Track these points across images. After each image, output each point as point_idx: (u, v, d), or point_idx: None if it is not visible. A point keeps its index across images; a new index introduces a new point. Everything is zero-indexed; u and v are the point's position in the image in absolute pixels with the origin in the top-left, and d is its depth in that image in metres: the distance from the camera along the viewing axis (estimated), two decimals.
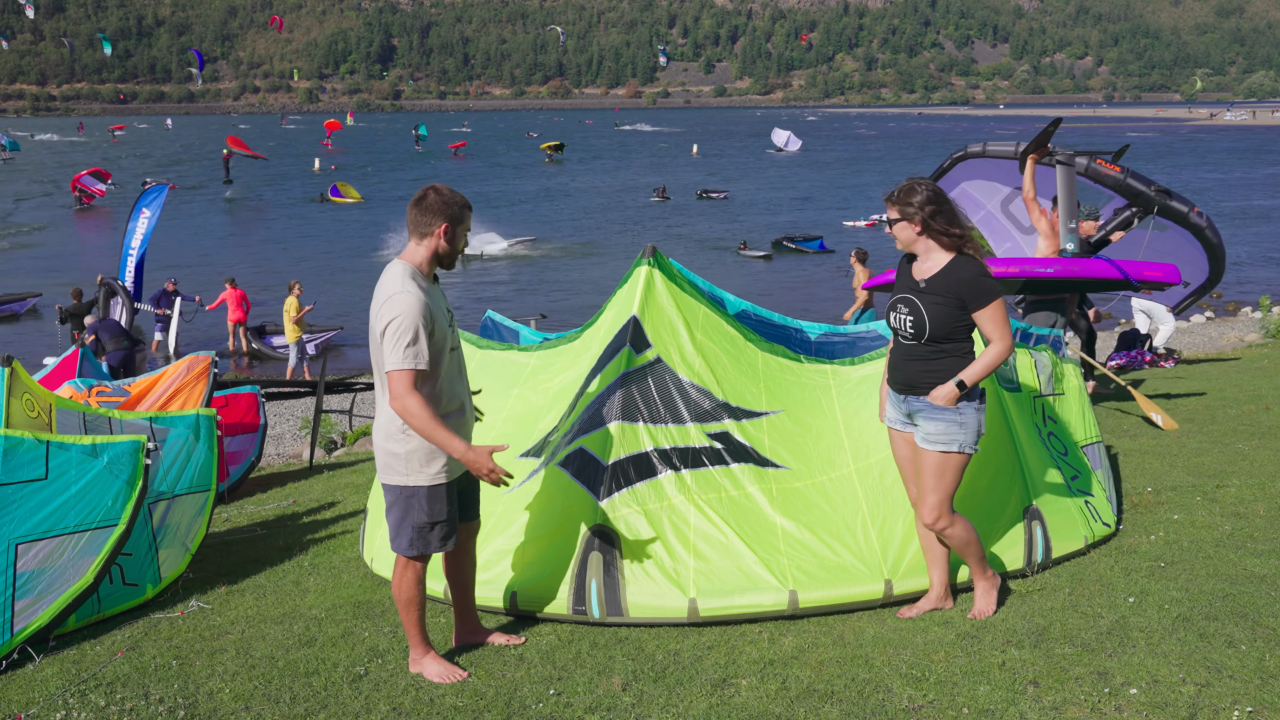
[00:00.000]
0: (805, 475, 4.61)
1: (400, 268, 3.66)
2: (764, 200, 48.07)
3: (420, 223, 3.67)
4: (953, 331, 3.93)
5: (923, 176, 4.14)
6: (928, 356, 3.97)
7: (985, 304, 3.88)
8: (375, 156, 78.71)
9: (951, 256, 3.95)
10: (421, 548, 3.75)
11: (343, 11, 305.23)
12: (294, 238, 36.71)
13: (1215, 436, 7.12)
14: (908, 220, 3.96)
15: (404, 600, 3.81)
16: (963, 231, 3.97)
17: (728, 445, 4.61)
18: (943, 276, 3.93)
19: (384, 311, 3.57)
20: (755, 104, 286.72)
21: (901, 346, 4.06)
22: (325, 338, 19.94)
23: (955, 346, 3.95)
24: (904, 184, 4.02)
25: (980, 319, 3.90)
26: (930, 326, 3.93)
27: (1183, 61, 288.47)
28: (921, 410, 3.99)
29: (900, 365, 4.06)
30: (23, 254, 33.44)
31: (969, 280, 3.89)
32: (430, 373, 3.63)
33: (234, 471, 8.61)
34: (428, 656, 3.86)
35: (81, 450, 4.60)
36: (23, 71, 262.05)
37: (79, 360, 9.04)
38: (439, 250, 3.69)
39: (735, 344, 5.03)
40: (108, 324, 16.12)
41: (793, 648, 3.95)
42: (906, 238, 4.01)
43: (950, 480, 3.97)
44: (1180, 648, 3.67)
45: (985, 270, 3.93)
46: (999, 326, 3.89)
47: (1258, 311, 18.24)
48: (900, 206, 3.97)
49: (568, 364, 5.22)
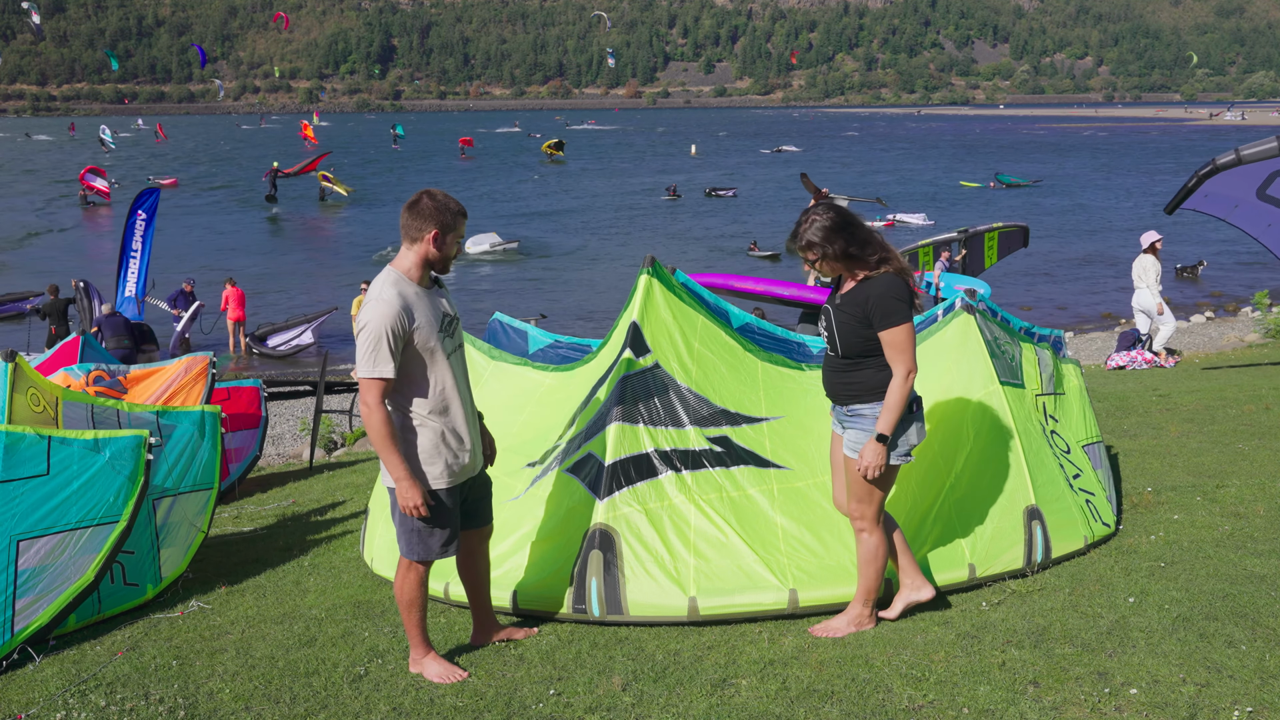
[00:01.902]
0: (807, 475, 4.61)
1: (385, 275, 3.65)
2: (768, 199, 48.09)
3: (411, 227, 3.65)
4: (865, 349, 3.85)
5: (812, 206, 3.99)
6: (845, 369, 3.92)
7: (886, 326, 3.78)
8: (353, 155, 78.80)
9: (866, 274, 3.85)
10: (422, 554, 3.75)
11: (343, 11, 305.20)
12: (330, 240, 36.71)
13: (1215, 436, 7.12)
14: (827, 260, 3.84)
15: (405, 601, 3.82)
16: (883, 252, 3.83)
17: (727, 449, 4.62)
18: (854, 293, 3.85)
19: (359, 318, 3.58)
20: (755, 104, 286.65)
21: (826, 358, 4.04)
22: (320, 320, 19.97)
23: (872, 361, 3.87)
24: (803, 221, 3.87)
25: (882, 340, 3.81)
26: (841, 343, 3.88)
27: (1183, 62, 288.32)
28: (844, 419, 3.99)
29: (826, 376, 4.04)
30: (24, 254, 33.46)
31: (875, 298, 3.79)
32: (411, 379, 3.63)
33: (234, 470, 8.61)
34: (428, 657, 3.86)
35: (83, 445, 4.60)
36: (23, 71, 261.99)
37: (80, 348, 8.98)
38: (429, 256, 3.66)
39: (734, 353, 5.06)
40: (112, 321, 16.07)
41: (793, 648, 3.95)
42: (831, 270, 3.90)
43: (877, 490, 3.91)
44: (1180, 648, 3.67)
45: (896, 290, 3.79)
46: (900, 353, 3.78)
47: (1257, 311, 18.23)
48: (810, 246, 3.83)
49: (583, 383, 5.22)
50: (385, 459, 3.59)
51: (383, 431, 3.56)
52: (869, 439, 3.86)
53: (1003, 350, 5.11)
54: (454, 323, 3.81)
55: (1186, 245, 30.86)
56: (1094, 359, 15.35)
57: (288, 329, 20.06)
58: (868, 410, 3.89)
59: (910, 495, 4.57)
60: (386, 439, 3.56)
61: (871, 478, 3.85)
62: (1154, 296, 13.17)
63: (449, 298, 3.85)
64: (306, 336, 19.73)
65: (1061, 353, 5.83)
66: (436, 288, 3.78)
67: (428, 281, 3.73)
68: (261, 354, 19.52)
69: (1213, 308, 22.42)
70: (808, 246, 3.85)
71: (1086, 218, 39.61)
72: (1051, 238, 33.63)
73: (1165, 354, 13.16)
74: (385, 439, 3.56)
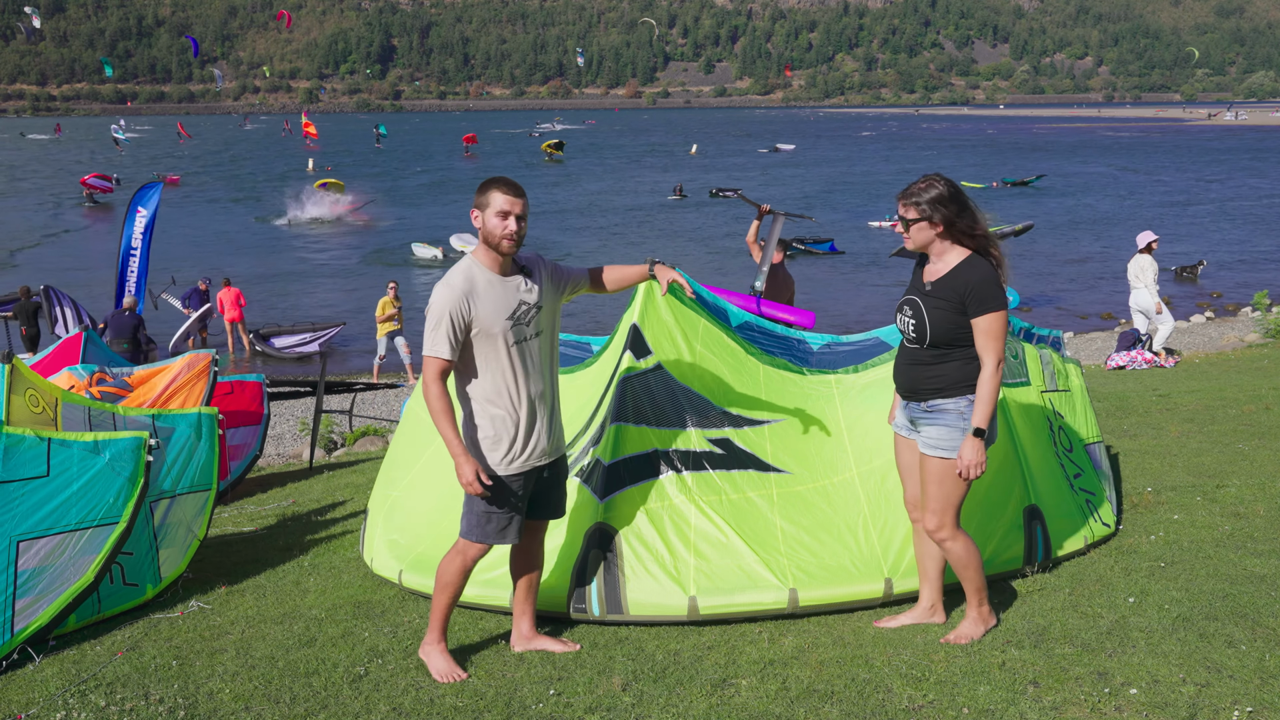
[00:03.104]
0: (807, 479, 4.61)
1: (462, 262, 3.75)
2: (768, 198, 48.08)
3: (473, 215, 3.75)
4: (955, 337, 3.71)
5: (938, 173, 3.89)
6: (930, 361, 3.77)
7: (982, 313, 3.65)
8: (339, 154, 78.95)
9: (964, 257, 3.74)
10: (479, 536, 3.77)
11: (343, 11, 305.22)
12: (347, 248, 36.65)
13: (1215, 436, 7.12)
14: (926, 221, 3.74)
15: (443, 582, 3.83)
16: (984, 233, 3.75)
17: (728, 451, 4.61)
18: (950, 278, 3.72)
19: (430, 300, 3.68)
20: (755, 104, 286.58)
21: (905, 350, 3.88)
22: (329, 335, 20.01)
23: (960, 352, 3.73)
24: (921, 181, 3.77)
25: (975, 327, 3.68)
26: (931, 331, 3.73)
27: (1183, 61, 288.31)
28: (922, 417, 3.84)
29: (903, 370, 3.88)
30: (28, 253, 33.46)
31: (975, 284, 3.66)
32: (472, 365, 3.70)
33: (235, 468, 8.60)
34: (438, 647, 3.86)
35: (83, 447, 4.59)
36: (23, 71, 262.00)
37: (83, 344, 8.92)
38: (485, 239, 3.71)
39: (736, 356, 5.05)
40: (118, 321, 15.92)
41: (793, 648, 3.95)
42: (923, 239, 3.77)
43: (952, 488, 3.77)
44: (1180, 648, 3.67)
45: (994, 277, 3.69)
46: (994, 340, 3.65)
47: (1257, 312, 18.23)
48: (917, 206, 3.74)
49: (586, 385, 5.22)
50: (442, 432, 3.62)
51: (438, 407, 3.59)
52: (965, 436, 3.70)
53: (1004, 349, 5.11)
54: (532, 311, 3.77)
55: (1186, 246, 30.86)
56: (1094, 359, 15.35)
57: (293, 333, 20.08)
58: (951, 405, 3.75)
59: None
60: (441, 414, 3.60)
61: (973, 476, 3.70)
62: (1153, 296, 13.19)
63: (545, 284, 3.83)
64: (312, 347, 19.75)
65: (1062, 352, 5.83)
66: (521, 275, 3.78)
67: (507, 269, 3.75)
68: (265, 352, 19.54)
69: (1213, 308, 22.41)
70: (915, 206, 3.74)
71: (1089, 216, 39.62)
72: (1052, 237, 33.63)
73: (1165, 354, 13.16)
74: (440, 414, 3.60)
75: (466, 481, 3.63)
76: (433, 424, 5.24)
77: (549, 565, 4.35)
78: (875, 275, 27.95)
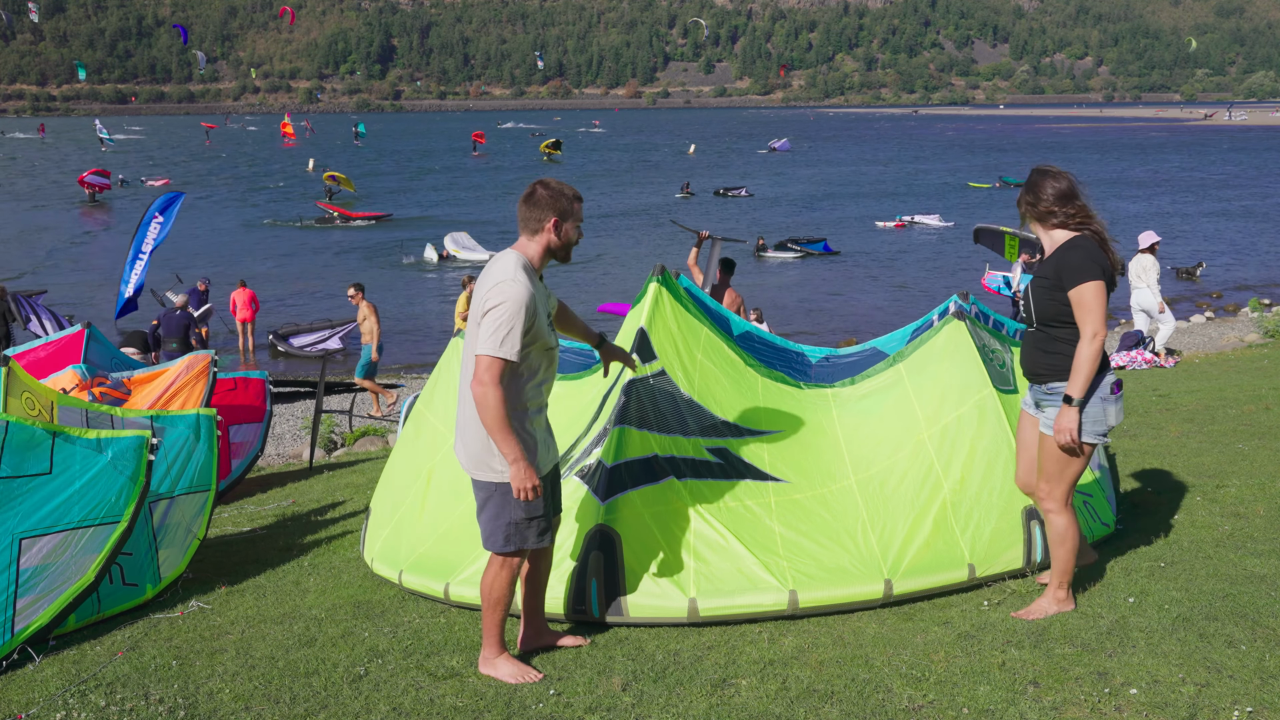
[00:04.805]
0: (805, 488, 4.63)
1: (514, 257, 3.63)
2: (773, 198, 48.09)
3: (530, 218, 3.69)
4: (1057, 314, 3.92)
5: (1049, 165, 4.12)
6: (1041, 342, 4.00)
7: (1074, 284, 3.84)
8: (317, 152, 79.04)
9: (1067, 239, 3.96)
10: (519, 543, 3.72)
11: (343, 11, 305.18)
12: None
13: (1215, 436, 7.12)
14: (1037, 209, 4.00)
15: (493, 600, 3.77)
16: (1083, 215, 3.96)
17: (726, 460, 4.64)
18: (1050, 259, 3.96)
19: (491, 295, 3.53)
20: (755, 104, 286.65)
21: (1026, 334, 4.14)
22: (348, 329, 20.02)
23: (1065, 331, 3.92)
24: (1030, 177, 4.05)
25: (1070, 300, 3.87)
26: (1036, 310, 3.98)
27: (1183, 61, 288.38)
28: (1044, 398, 4.04)
29: (1025, 352, 4.12)
30: (30, 251, 33.46)
31: (1069, 260, 3.88)
32: (520, 367, 3.60)
33: (237, 466, 8.60)
34: (501, 656, 3.83)
35: (86, 445, 4.59)
36: (23, 71, 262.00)
37: (84, 342, 8.89)
38: (550, 245, 3.70)
39: (736, 367, 5.09)
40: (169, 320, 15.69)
41: (793, 648, 3.95)
42: (1036, 226, 4.05)
43: (1068, 466, 3.97)
44: (1180, 648, 3.67)
45: (1092, 253, 3.88)
46: (1088, 312, 3.84)
47: (1256, 312, 18.25)
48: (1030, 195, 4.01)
49: (590, 388, 5.22)
50: (501, 441, 3.51)
51: (500, 412, 3.48)
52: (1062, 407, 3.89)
53: (993, 356, 5.13)
54: (551, 318, 3.81)
55: (1185, 246, 30.86)
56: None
57: (311, 331, 20.09)
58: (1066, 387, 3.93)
59: (908, 499, 4.58)
60: (503, 420, 3.48)
61: (1067, 444, 3.87)
62: (1155, 296, 13.20)
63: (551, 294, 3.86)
64: (334, 342, 19.76)
65: None
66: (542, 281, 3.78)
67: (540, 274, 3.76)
68: (286, 352, 19.55)
69: (1213, 308, 22.42)
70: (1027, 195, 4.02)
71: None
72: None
73: (1165, 354, 13.16)
74: (502, 420, 3.48)
75: (529, 488, 3.54)
76: (436, 427, 5.26)
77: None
78: (877, 276, 27.95)
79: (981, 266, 23.39)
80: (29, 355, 8.59)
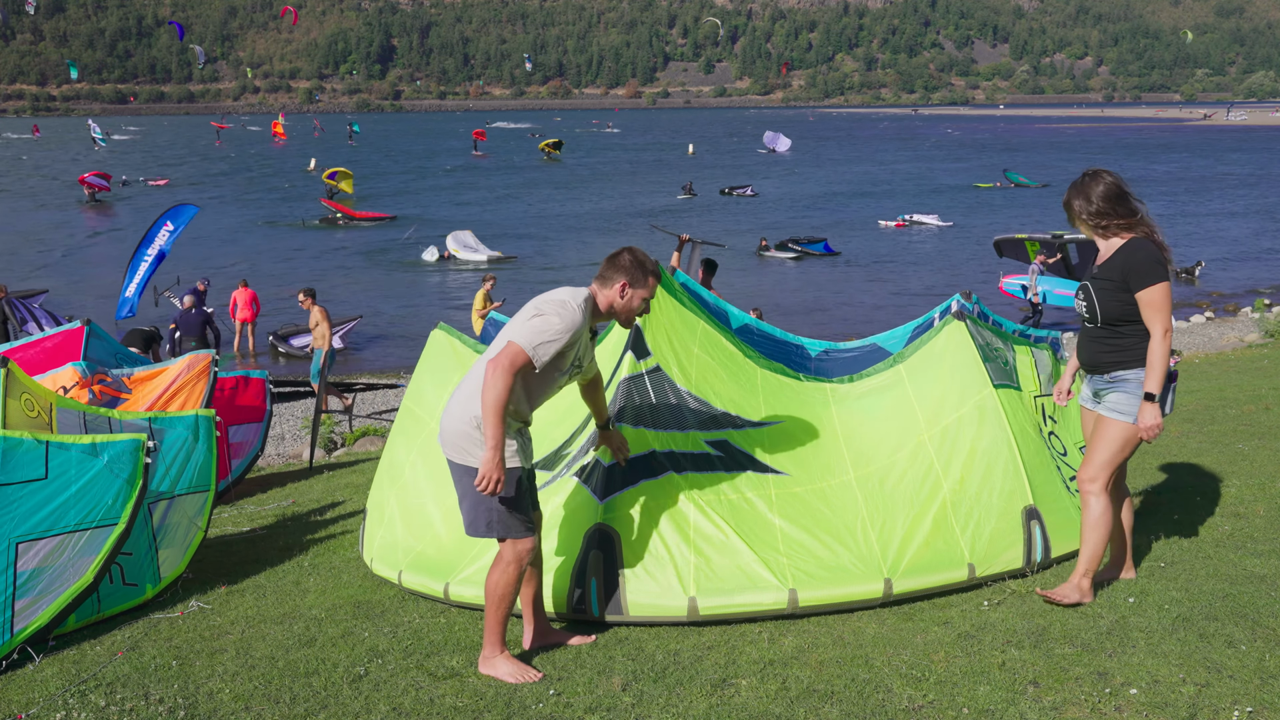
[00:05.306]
0: (805, 481, 4.62)
1: (585, 294, 3.91)
2: (777, 197, 48.07)
3: (606, 274, 3.98)
4: (1123, 314, 4.05)
5: (1099, 168, 4.23)
6: (1104, 337, 4.13)
7: (1143, 286, 3.98)
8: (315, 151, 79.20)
9: (1125, 240, 4.09)
10: (502, 531, 3.79)
11: (343, 11, 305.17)
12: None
13: (1215, 436, 7.12)
14: (1091, 212, 4.11)
15: (498, 596, 3.82)
16: (1138, 218, 4.08)
17: (726, 453, 4.63)
18: (1112, 260, 4.08)
19: (546, 306, 3.78)
20: (755, 104, 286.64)
21: (1085, 330, 4.26)
22: (349, 328, 20.02)
23: (1131, 328, 4.06)
24: (1085, 175, 4.17)
25: (1139, 301, 4.00)
26: (1101, 311, 4.09)
27: (1183, 61, 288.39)
28: (1105, 387, 4.17)
29: (1085, 347, 4.24)
30: (30, 251, 33.47)
31: (1136, 263, 4.00)
32: (530, 378, 3.79)
33: (237, 466, 8.59)
34: (501, 656, 3.85)
35: (82, 449, 4.59)
36: (23, 72, 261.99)
37: (85, 339, 8.85)
38: (613, 304, 3.96)
39: (734, 360, 5.08)
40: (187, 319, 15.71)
41: (793, 648, 3.95)
42: (1089, 228, 4.17)
43: (1117, 450, 4.12)
44: (1180, 648, 3.67)
45: (1155, 255, 4.01)
46: (1157, 311, 3.98)
47: (1256, 313, 18.25)
48: (1083, 198, 4.12)
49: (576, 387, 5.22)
50: (490, 423, 3.65)
51: (503, 396, 3.65)
52: (1140, 402, 4.03)
53: (995, 354, 5.12)
54: (579, 369, 4.01)
55: (1184, 247, 30.85)
56: None
57: (311, 331, 20.06)
58: (1131, 375, 4.08)
59: (907, 497, 4.57)
60: (502, 405, 3.65)
61: (1150, 439, 4.04)
62: None
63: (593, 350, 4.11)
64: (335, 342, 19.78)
65: (1060, 353, 5.82)
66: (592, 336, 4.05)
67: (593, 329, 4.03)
68: (287, 353, 19.55)
69: (1213, 308, 22.41)
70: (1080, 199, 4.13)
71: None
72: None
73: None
74: (502, 404, 3.65)
75: (489, 476, 3.63)
76: (427, 423, 5.25)
77: (549, 566, 4.35)
78: (878, 275, 27.96)
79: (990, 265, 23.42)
80: (26, 351, 8.55)
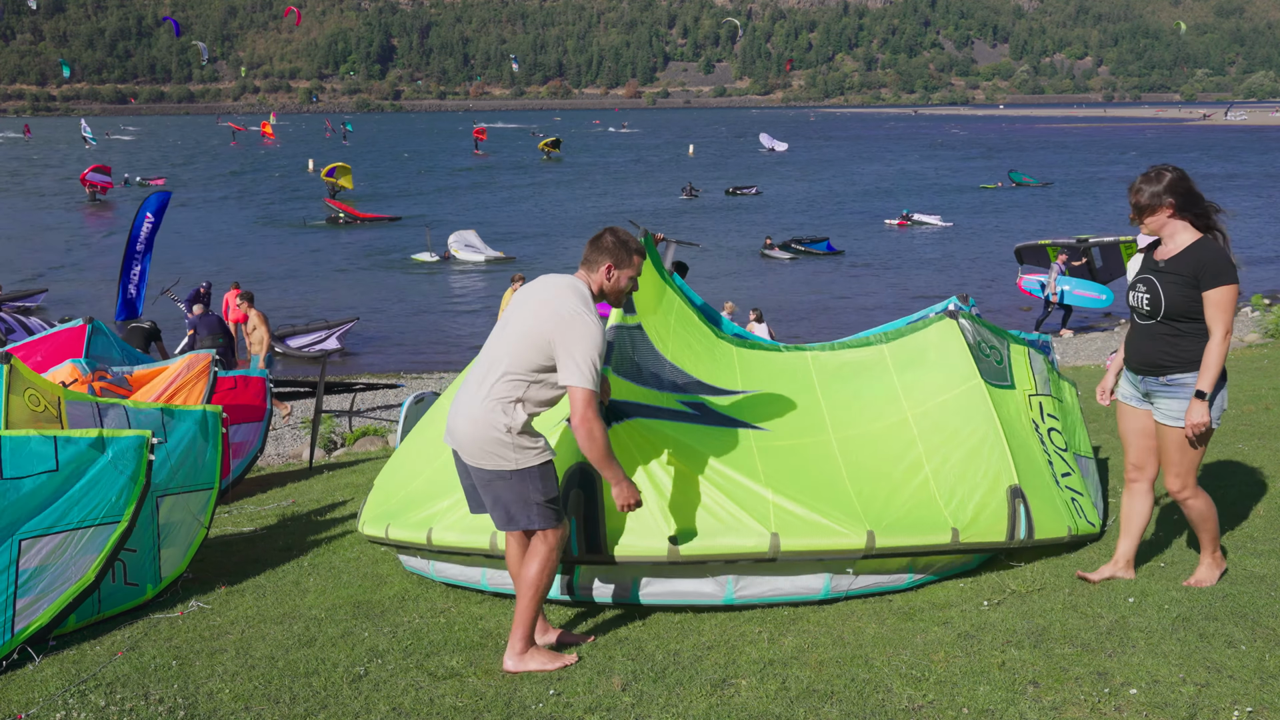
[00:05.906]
0: (785, 437, 4.65)
1: (582, 291, 3.89)
2: (782, 197, 48.04)
3: (591, 259, 4.00)
4: (1187, 310, 4.04)
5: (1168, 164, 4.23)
6: (1165, 335, 4.11)
7: (1213, 285, 3.98)
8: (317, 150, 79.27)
9: (1196, 238, 4.08)
10: (543, 522, 3.83)
11: (343, 11, 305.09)
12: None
13: (1215, 436, 7.11)
14: (1159, 207, 4.09)
15: (540, 586, 3.85)
16: (1212, 214, 4.11)
17: (703, 412, 4.66)
18: (1184, 256, 4.07)
19: (574, 325, 3.74)
20: (755, 104, 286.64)
21: (1139, 327, 4.23)
22: (345, 329, 20.06)
23: (1191, 326, 4.06)
24: (1151, 171, 4.16)
25: (1206, 300, 4.00)
26: (1165, 304, 4.07)
27: (1183, 61, 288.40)
28: (1161, 390, 4.15)
29: (1139, 345, 4.22)
30: (32, 251, 33.45)
31: (1209, 260, 4.00)
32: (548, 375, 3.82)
33: (237, 466, 8.59)
34: (532, 650, 3.89)
35: (87, 444, 4.58)
36: (23, 72, 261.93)
37: (87, 336, 8.83)
38: (602, 286, 3.97)
39: (708, 338, 5.20)
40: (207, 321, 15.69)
41: (792, 648, 3.95)
42: (1156, 223, 4.14)
43: (1193, 455, 4.14)
44: (1180, 648, 3.67)
45: (1227, 256, 4.03)
46: (1222, 312, 3.99)
47: (1256, 312, 18.24)
48: (1151, 193, 4.10)
49: None
50: (606, 469, 3.82)
51: (606, 443, 3.78)
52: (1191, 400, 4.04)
53: (989, 352, 5.13)
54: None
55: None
56: (1094, 359, 15.35)
57: (308, 332, 20.13)
58: (1190, 379, 4.08)
59: (888, 467, 4.58)
60: (607, 450, 3.79)
61: (1195, 434, 4.05)
62: None
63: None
64: (331, 343, 19.81)
65: (1050, 356, 5.84)
66: None
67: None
68: (284, 354, 19.59)
69: None
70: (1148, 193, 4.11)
71: (1090, 217, 39.64)
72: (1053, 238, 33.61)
73: None
74: (607, 450, 3.79)
75: (628, 502, 3.83)
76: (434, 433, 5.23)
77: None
78: (880, 275, 27.95)
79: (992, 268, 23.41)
80: (27, 350, 8.55)
